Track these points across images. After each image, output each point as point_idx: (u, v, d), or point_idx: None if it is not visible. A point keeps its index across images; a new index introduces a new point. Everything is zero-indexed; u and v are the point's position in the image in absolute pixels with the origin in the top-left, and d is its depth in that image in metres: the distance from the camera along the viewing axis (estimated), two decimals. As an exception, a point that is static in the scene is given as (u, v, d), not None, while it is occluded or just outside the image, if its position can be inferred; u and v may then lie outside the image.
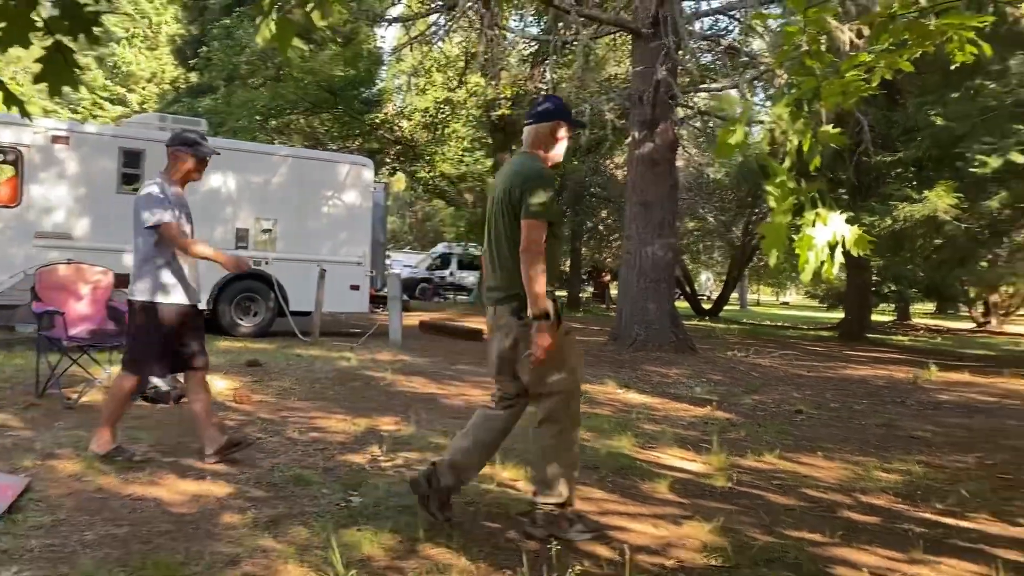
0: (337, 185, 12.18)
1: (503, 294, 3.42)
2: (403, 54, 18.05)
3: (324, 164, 12.47)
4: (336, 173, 12.24)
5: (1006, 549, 3.57)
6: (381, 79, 23.65)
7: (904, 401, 8.25)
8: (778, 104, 2.48)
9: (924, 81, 13.37)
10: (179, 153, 4.37)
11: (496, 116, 19.52)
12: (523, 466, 4.56)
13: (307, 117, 20.74)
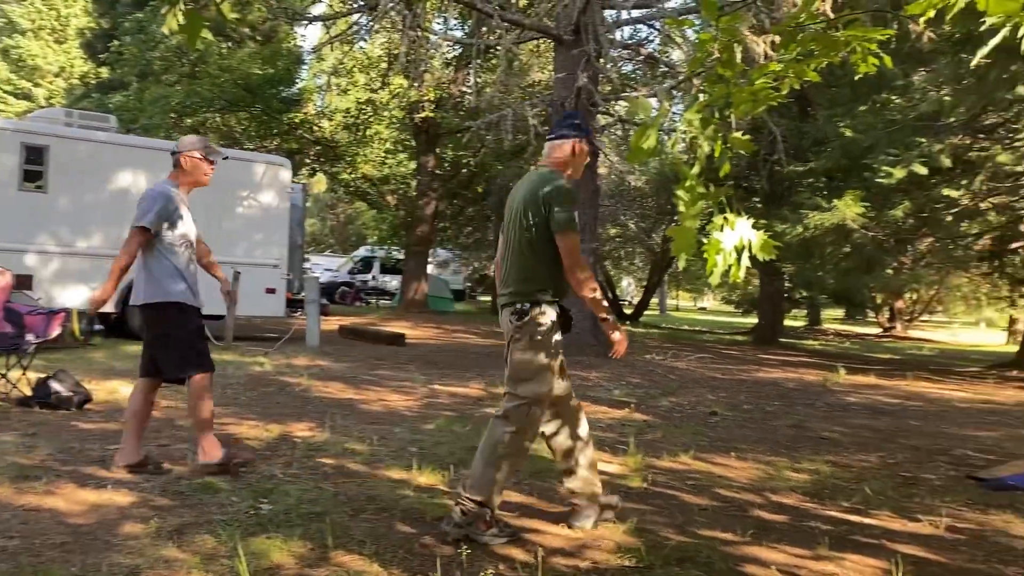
0: (253, 185, 11.90)
1: (508, 299, 3.49)
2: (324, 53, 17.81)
3: (240, 163, 12.16)
4: (252, 173, 11.96)
5: (906, 545, 3.70)
6: (301, 78, 23.25)
7: (814, 403, 8.51)
8: (690, 110, 2.52)
9: (834, 94, 13.87)
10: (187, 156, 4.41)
11: (419, 118, 19.42)
12: (440, 471, 4.53)
13: (223, 115, 20.21)
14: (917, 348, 21.64)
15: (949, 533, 3.91)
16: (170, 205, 4.29)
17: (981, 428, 7.28)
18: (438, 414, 6.50)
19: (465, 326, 17.42)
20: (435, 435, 5.66)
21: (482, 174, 22.11)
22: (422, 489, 4.20)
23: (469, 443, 5.40)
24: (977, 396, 9.69)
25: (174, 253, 4.29)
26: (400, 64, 12.68)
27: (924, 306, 33.35)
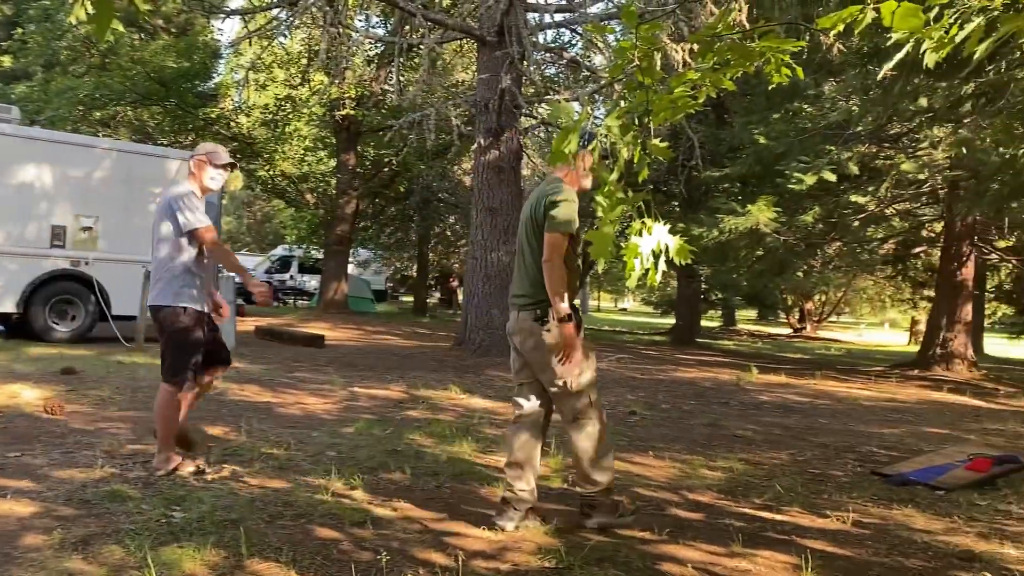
0: (167, 182, 11.51)
1: (527, 300, 3.70)
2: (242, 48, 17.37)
3: (153, 159, 11.78)
4: (166, 169, 11.58)
5: (814, 540, 3.83)
6: (218, 73, 22.65)
7: (728, 402, 8.73)
8: (610, 116, 2.55)
9: (749, 103, 14.28)
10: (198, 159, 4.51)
11: (340, 116, 19.15)
12: (360, 475, 4.47)
13: (135, 109, 19.53)
14: (825, 348, 22.45)
15: (855, 528, 4.06)
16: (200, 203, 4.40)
17: (885, 426, 7.60)
18: (358, 417, 6.41)
19: (387, 327, 17.27)
20: (354, 439, 5.59)
21: (404, 173, 21.96)
22: (340, 494, 4.13)
23: (389, 446, 5.36)
24: (881, 394, 10.11)
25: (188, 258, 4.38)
26: (320, 61, 12.48)
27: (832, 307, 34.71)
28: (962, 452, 5.67)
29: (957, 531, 4.08)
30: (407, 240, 27.20)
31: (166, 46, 19.65)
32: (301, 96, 20.11)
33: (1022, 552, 3.76)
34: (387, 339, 14.49)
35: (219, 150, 4.58)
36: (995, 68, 6.43)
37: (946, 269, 13.63)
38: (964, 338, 13.40)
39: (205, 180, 4.49)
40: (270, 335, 13.05)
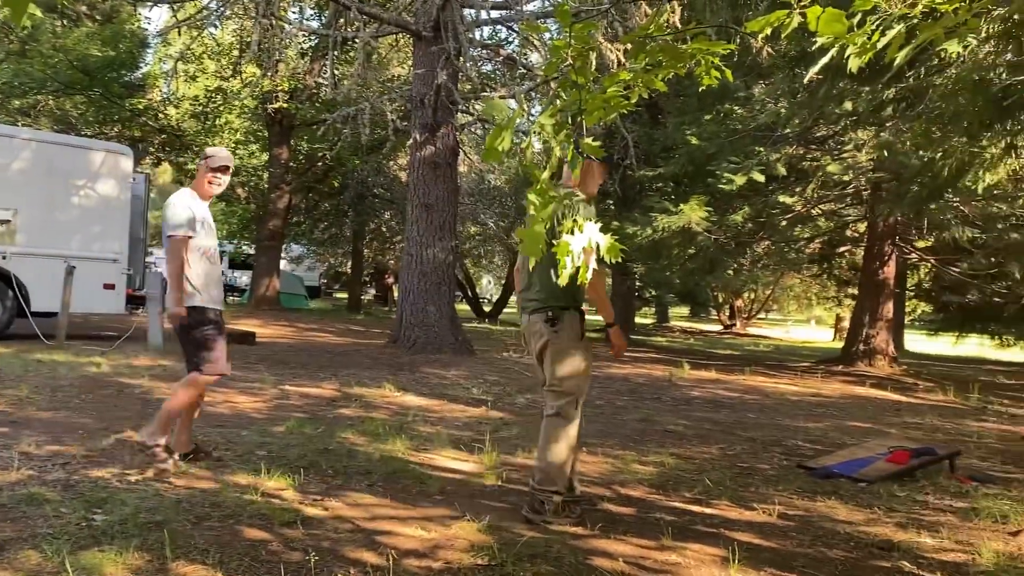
0: (91, 174, 11.14)
1: (539, 305, 3.92)
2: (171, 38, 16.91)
3: (75, 150, 11.35)
4: (89, 161, 11.19)
5: (742, 532, 3.92)
6: (146, 63, 22.00)
7: (660, 397, 8.87)
8: (543, 115, 2.55)
9: (682, 104, 14.51)
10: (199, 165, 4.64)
11: (273, 109, 18.80)
12: (290, 475, 4.40)
13: (57, 98, 18.83)
14: (754, 344, 22.99)
15: (781, 520, 4.17)
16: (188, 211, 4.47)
17: (810, 420, 7.82)
18: (289, 416, 6.31)
19: (320, 324, 17.03)
20: (285, 438, 5.49)
21: (338, 168, 21.68)
22: (270, 494, 4.06)
23: (321, 445, 5.28)
24: (807, 389, 10.40)
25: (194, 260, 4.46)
26: (252, 52, 12.23)
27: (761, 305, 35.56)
28: (883, 445, 5.86)
29: (877, 522, 4.22)
30: (341, 236, 26.87)
31: (90, 34, 19.01)
32: (232, 88, 19.68)
33: (937, 541, 3.92)
34: (320, 336, 14.30)
35: (218, 153, 4.67)
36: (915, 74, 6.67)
37: (869, 268, 14.09)
38: (886, 335, 13.87)
39: (204, 184, 4.60)
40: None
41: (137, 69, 20.66)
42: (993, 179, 6.84)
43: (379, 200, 24.45)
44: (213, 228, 4.71)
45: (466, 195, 22.69)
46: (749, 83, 12.52)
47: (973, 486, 5.08)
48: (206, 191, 4.61)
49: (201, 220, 4.53)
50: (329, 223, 25.92)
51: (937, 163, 6.92)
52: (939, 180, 7.32)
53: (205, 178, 4.58)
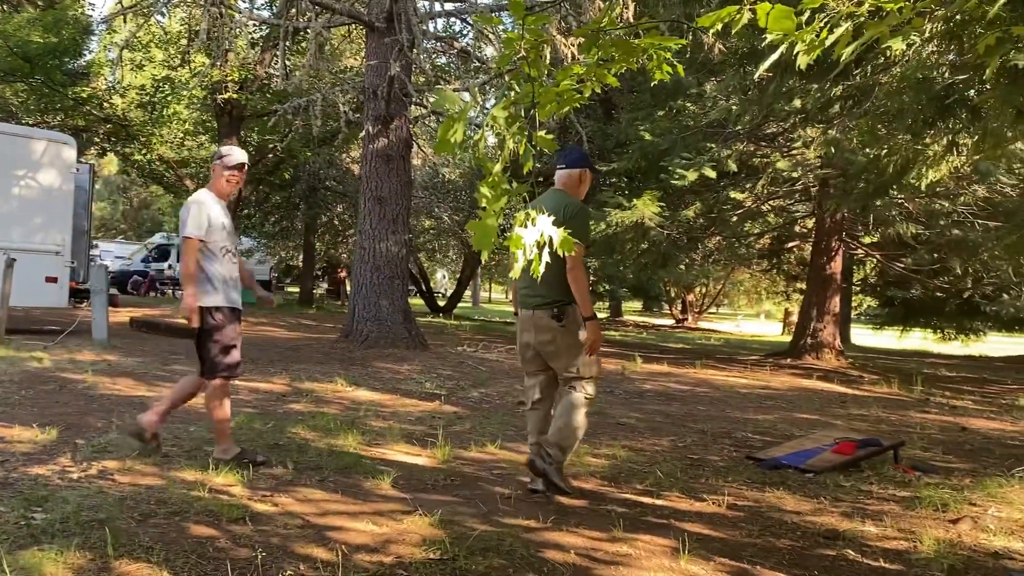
0: (31, 164, 10.82)
1: (542, 300, 4.20)
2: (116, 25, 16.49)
3: (15, 139, 11.01)
4: (30, 150, 10.87)
5: (692, 523, 3.96)
6: (90, 50, 21.40)
7: (613, 391, 8.93)
8: (496, 107, 2.54)
9: (635, 99, 14.61)
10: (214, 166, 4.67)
11: (222, 99, 18.46)
12: (239, 471, 4.33)
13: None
14: (705, 338, 23.29)
15: (730, 511, 4.23)
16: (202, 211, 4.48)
17: (760, 412, 7.95)
18: (238, 411, 6.20)
19: (270, 318, 16.80)
20: (234, 433, 5.39)
21: (290, 160, 21.39)
22: (218, 490, 3.99)
23: (271, 440, 5.21)
24: (756, 382, 10.57)
25: (212, 259, 4.50)
26: (201, 41, 11.97)
27: (712, 299, 36.06)
28: (829, 436, 5.99)
29: (823, 511, 4.31)
30: (293, 229, 26.51)
31: (31, 19, 18.40)
32: (181, 78, 19.27)
33: (881, 529, 4.01)
34: (271, 331, 14.10)
35: (233, 152, 4.71)
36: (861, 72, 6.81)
37: (817, 263, 14.36)
38: (833, 328, 14.16)
39: (221, 183, 4.63)
40: (146, 327, 12.43)
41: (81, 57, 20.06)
42: (936, 176, 7.01)
43: (331, 193, 24.18)
44: (232, 228, 4.70)
45: (420, 188, 22.54)
46: (701, 80, 12.65)
47: (916, 476, 5.21)
48: (224, 190, 4.63)
49: (219, 220, 4.54)
50: (280, 216, 25.55)
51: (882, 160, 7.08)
52: (884, 177, 7.49)
53: (222, 177, 4.60)
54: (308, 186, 22.71)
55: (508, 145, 2.42)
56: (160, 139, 20.11)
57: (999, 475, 5.29)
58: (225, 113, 19.24)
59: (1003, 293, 14.80)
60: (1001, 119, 5.19)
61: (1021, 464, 5.68)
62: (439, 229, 27.00)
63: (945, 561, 3.54)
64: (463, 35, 18.23)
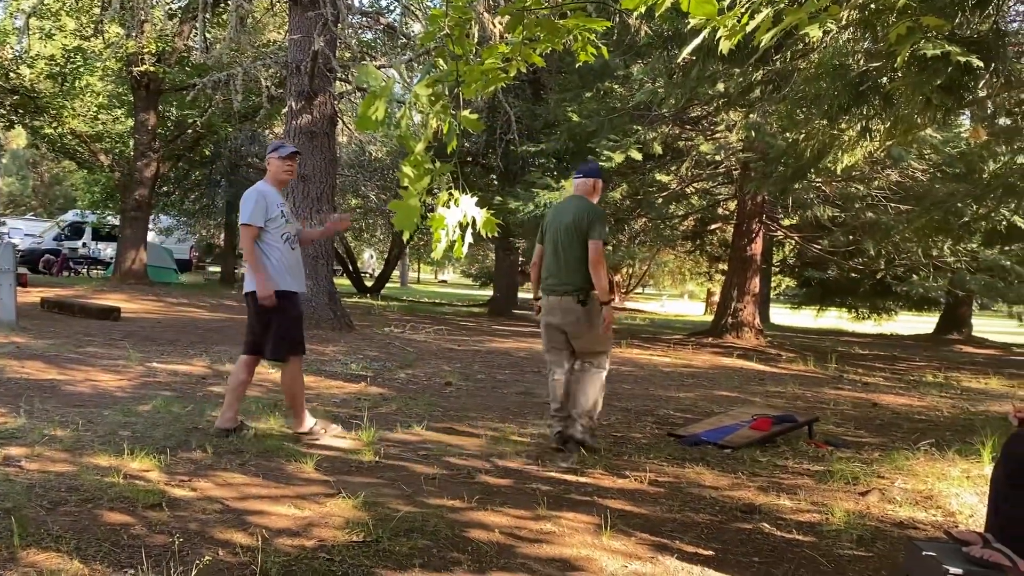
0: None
1: (570, 287, 4.92)
2: (22, -10, 15.67)
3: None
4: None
5: (614, 500, 4.03)
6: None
7: (541, 371, 8.97)
8: (419, 85, 2.51)
9: (563, 80, 14.63)
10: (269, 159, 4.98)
11: (138, 72, 17.77)
12: (156, 455, 4.21)
13: None
14: (631, 318, 23.67)
15: (651, 487, 4.32)
16: (261, 201, 4.75)
17: (681, 390, 8.13)
18: (155, 394, 6.04)
19: (190, 299, 16.34)
20: (151, 417, 5.26)
21: (210, 136, 20.75)
22: (133, 476, 3.88)
23: (190, 424, 5.09)
24: (679, 361, 10.80)
25: (272, 246, 4.75)
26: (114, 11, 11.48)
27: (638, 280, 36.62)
28: (747, 413, 6.16)
29: (741, 486, 4.43)
30: (214, 207, 25.79)
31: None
32: (94, 49, 18.46)
33: (795, 503, 4.15)
34: (191, 311, 13.73)
35: (285, 144, 5.09)
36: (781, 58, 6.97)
37: (738, 244, 14.70)
38: (752, 308, 14.54)
39: (281, 174, 4.94)
40: (58, 307, 12.00)
41: (-16, 23, 19.03)
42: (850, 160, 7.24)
43: (254, 170, 23.59)
44: (291, 215, 4.98)
45: (346, 167, 22.20)
46: (628, 62, 12.73)
47: (828, 450, 5.40)
48: (281, 180, 4.95)
49: (277, 209, 4.80)
50: (201, 193, 24.82)
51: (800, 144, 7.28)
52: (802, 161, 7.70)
53: (282, 168, 4.90)
54: (230, 163, 22.12)
55: (431, 124, 2.39)
56: (72, 112, 19.25)
57: (906, 448, 5.53)
58: (142, 86, 18.52)
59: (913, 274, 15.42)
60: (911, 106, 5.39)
61: (927, 438, 5.95)
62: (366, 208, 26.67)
63: (854, 532, 3.69)
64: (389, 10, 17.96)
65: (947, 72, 4.73)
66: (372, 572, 2.93)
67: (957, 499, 4.30)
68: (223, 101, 13.65)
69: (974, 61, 4.49)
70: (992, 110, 7.99)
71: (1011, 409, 3.16)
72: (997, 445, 4.91)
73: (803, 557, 3.38)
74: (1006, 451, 2.97)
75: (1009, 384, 10.17)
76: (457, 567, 3.04)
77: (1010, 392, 9.43)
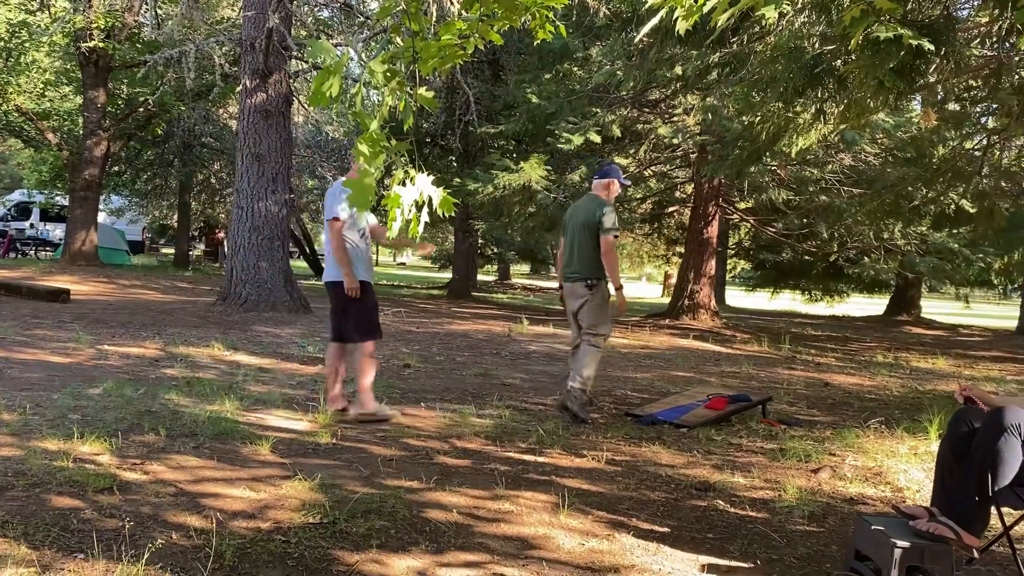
0: None
1: (580, 275, 5.50)
2: (-37, -39, 15.09)
3: None
4: None
5: (572, 479, 4.06)
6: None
7: (499, 352, 9.01)
8: (374, 61, 2.47)
9: (523, 61, 14.57)
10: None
11: (87, 48, 17.27)
12: (107, 439, 4.13)
13: None
14: (590, 300, 23.75)
15: (608, 466, 4.36)
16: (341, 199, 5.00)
17: (639, 370, 8.20)
18: (106, 377, 5.92)
19: (143, 281, 16.03)
20: (102, 400, 5.15)
21: (163, 114, 20.27)
22: (84, 459, 3.80)
23: (143, 407, 5.00)
24: (636, 342, 10.89)
25: (351, 239, 5.10)
26: (61, -17, 11.13)
27: (597, 262, 36.69)
28: (703, 393, 6.24)
29: (696, 464, 4.50)
30: (167, 187, 25.23)
31: None
32: (40, 23, 17.89)
33: (749, 480, 4.22)
34: (143, 294, 13.47)
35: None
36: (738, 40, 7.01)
37: (695, 227, 14.83)
38: (708, 290, 14.71)
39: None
40: (6, 289, 11.68)
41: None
42: (805, 143, 7.32)
43: (208, 150, 23.14)
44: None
45: (302, 146, 21.87)
46: (587, 43, 12.72)
47: (781, 429, 5.50)
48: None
49: None
50: (153, 173, 24.25)
51: (756, 127, 7.34)
52: (757, 144, 7.76)
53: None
54: (183, 142, 21.65)
55: (387, 101, 2.36)
56: (17, 89, 18.64)
57: (856, 427, 5.66)
58: (91, 63, 18.01)
59: (864, 256, 15.72)
60: (864, 89, 5.45)
61: (876, 416, 6.10)
62: (322, 189, 26.33)
63: (806, 508, 3.76)
64: (347, -11, 17.66)
65: (899, 55, 4.79)
66: (329, 554, 2.92)
67: (905, 475, 4.41)
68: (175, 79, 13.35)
69: (925, 44, 4.56)
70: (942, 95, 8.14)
71: (957, 388, 3.25)
72: (943, 423, 5.04)
73: (756, 533, 3.44)
74: (951, 428, 3.05)
75: (955, 364, 10.46)
76: (415, 547, 3.04)
77: (956, 372, 9.70)
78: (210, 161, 24.00)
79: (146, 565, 2.65)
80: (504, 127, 13.70)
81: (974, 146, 9.64)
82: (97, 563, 2.69)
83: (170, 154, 22.46)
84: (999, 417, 2.78)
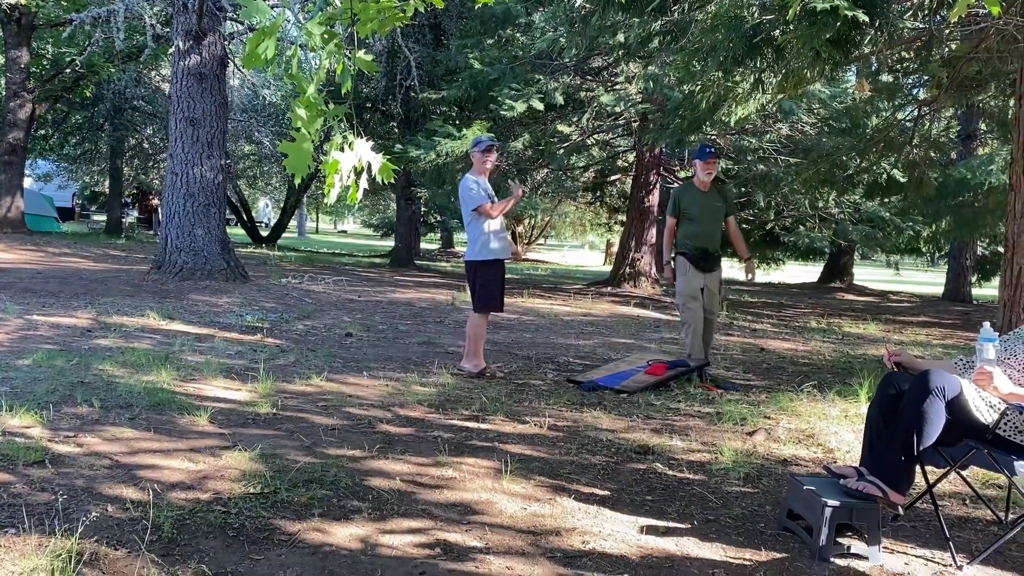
0: None
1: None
2: None
3: None
4: None
5: (515, 445, 4.10)
6: None
7: (443, 320, 8.99)
8: (311, 22, 2.41)
9: (465, 26, 14.40)
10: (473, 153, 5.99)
11: (8, 5, 16.49)
12: (38, 411, 4.02)
13: None
14: (533, 268, 23.87)
15: (550, 431, 4.40)
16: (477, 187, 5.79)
17: (581, 338, 8.28)
18: (36, 348, 5.74)
19: (73, 249, 15.52)
20: (32, 371, 5.00)
21: (91, 76, 19.53)
22: (13, 432, 3.69)
23: (75, 378, 4.87)
24: (578, 310, 10.99)
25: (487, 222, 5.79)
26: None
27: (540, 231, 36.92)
28: (643, 359, 6.34)
29: (636, 428, 4.58)
30: (97, 152, 24.40)
31: None
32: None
33: (687, 443, 4.32)
34: (74, 262, 13.05)
35: (482, 139, 6.02)
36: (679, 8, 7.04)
37: (636, 196, 14.96)
38: (649, 258, 14.89)
39: (484, 166, 5.90)
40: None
41: None
42: (744, 113, 7.41)
43: (140, 113, 22.40)
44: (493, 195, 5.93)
45: (239, 111, 21.33)
46: (530, 9, 12.63)
47: (718, 393, 5.63)
48: (484, 170, 5.91)
49: (486, 192, 5.81)
50: (82, 137, 23.40)
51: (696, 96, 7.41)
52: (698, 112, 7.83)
53: (482, 161, 5.87)
54: (113, 105, 20.91)
55: (324, 63, 2.31)
56: (-68, 47, 17.76)
57: (790, 391, 5.82)
58: (12, 21, 17.21)
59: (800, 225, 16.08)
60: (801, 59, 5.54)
61: (810, 380, 6.28)
62: (260, 155, 25.78)
63: (742, 470, 3.87)
64: (284, -52, 17.13)
65: (835, 26, 4.87)
66: (270, 523, 2.90)
67: (836, 437, 4.56)
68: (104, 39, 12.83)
69: (860, 15, 4.64)
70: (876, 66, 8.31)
71: (885, 352, 3.35)
72: (872, 386, 5.22)
73: (693, 494, 3.52)
74: (880, 391, 3.15)
75: (885, 329, 10.81)
76: (357, 515, 3.04)
77: (886, 337, 10.03)
78: (142, 125, 23.25)
79: (80, 538, 2.60)
80: (446, 93, 13.54)
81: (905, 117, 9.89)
82: (29, 537, 2.62)
83: (100, 118, 21.69)
84: (924, 380, 2.88)
